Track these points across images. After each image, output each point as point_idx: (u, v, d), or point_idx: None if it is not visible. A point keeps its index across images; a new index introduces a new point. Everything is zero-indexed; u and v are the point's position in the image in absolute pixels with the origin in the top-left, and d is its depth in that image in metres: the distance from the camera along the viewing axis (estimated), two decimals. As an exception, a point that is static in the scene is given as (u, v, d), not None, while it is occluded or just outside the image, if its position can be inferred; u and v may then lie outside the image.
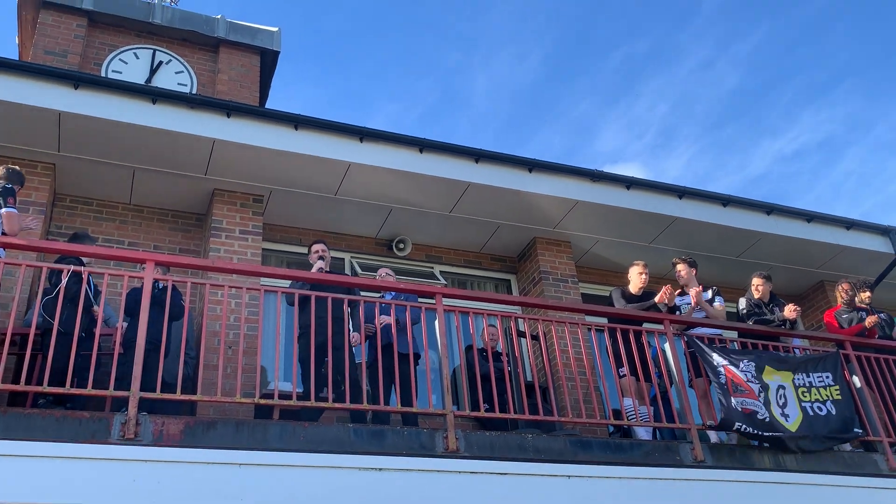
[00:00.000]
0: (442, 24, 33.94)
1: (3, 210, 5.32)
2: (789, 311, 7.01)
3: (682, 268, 7.31)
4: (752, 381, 6.15)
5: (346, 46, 35.76)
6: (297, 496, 4.52)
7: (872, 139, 33.86)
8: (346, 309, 5.86)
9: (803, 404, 6.28)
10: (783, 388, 6.30)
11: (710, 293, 7.24)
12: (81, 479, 4.18)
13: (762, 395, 6.10)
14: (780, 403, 6.18)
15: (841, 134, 34.38)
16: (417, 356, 6.49)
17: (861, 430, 6.35)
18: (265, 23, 10.31)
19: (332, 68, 36.76)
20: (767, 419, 6.01)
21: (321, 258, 6.68)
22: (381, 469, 4.74)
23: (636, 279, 7.10)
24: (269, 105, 10.57)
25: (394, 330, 5.71)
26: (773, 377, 6.32)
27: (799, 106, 34.41)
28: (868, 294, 7.95)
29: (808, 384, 6.44)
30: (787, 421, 6.09)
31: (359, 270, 8.15)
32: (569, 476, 5.09)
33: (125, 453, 4.34)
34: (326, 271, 6.67)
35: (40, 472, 4.16)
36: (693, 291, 6.82)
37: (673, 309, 6.91)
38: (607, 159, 37.31)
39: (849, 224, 9.45)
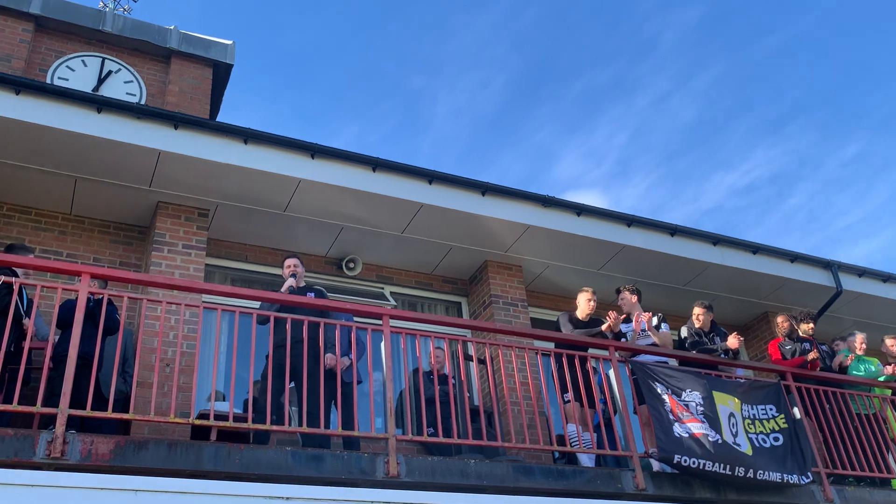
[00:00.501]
0: (407, 47, 34.17)
1: None
2: (732, 340, 7.10)
3: (626, 295, 7.39)
4: (696, 413, 6.15)
5: (308, 65, 35.74)
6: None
7: (822, 175, 34.97)
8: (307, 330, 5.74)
9: (749, 435, 6.31)
10: (734, 416, 6.31)
11: (655, 319, 7.31)
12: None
13: (706, 422, 6.11)
14: (733, 432, 6.19)
15: (792, 169, 35.43)
16: (360, 381, 6.39)
17: (803, 477, 6.28)
18: (224, 37, 10.18)
19: (293, 86, 36.69)
20: (720, 441, 5.97)
21: (293, 275, 6.57)
22: (318, 500, 4.59)
23: (584, 305, 7.14)
24: (223, 119, 10.42)
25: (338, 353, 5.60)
26: (726, 403, 6.32)
27: (752, 140, 35.39)
28: (811, 326, 8.13)
29: (752, 416, 6.48)
30: (740, 448, 6.11)
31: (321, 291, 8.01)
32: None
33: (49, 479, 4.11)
34: (298, 287, 6.54)
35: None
36: (644, 316, 6.84)
37: (619, 335, 6.95)
38: (566, 186, 37.86)
39: (793, 257, 9.65)
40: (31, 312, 5.27)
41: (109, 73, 9.24)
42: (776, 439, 6.40)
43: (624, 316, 7.26)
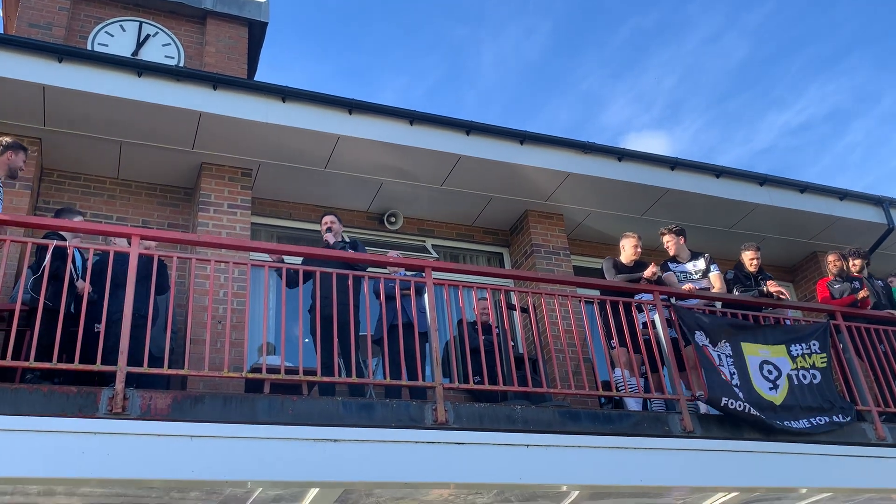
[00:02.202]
0: (448, -2, 33.63)
1: None
2: (774, 288, 7.00)
3: (668, 238, 7.33)
4: (723, 365, 6.14)
5: (350, 21, 35.48)
6: (287, 468, 4.53)
7: (879, 111, 33.75)
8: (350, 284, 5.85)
9: (790, 372, 6.29)
10: (770, 363, 6.28)
11: (702, 262, 7.25)
12: (70, 452, 4.17)
13: (735, 376, 6.09)
14: (771, 378, 6.18)
15: (848, 106, 34.23)
16: (424, 335, 6.48)
17: (844, 418, 6.25)
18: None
19: (336, 43, 36.50)
20: (741, 405, 5.96)
21: (329, 230, 6.68)
22: (370, 441, 4.74)
23: (630, 251, 7.10)
24: (261, 79, 10.47)
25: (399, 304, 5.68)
26: (756, 352, 6.30)
27: (806, 78, 34.24)
28: (860, 262, 7.96)
29: (799, 353, 6.45)
30: (772, 393, 6.09)
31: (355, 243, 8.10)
32: (556, 446, 5.10)
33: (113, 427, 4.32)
34: (333, 243, 6.65)
35: (29, 446, 4.15)
36: (648, 272, 6.76)
37: (661, 281, 6.92)
38: (616, 132, 37.21)
39: (842, 195, 9.41)
40: (87, 275, 5.45)
41: (147, 36, 9.32)
42: (815, 376, 6.36)
43: (672, 259, 7.26)
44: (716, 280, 7.13)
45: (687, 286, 6.93)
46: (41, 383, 5.01)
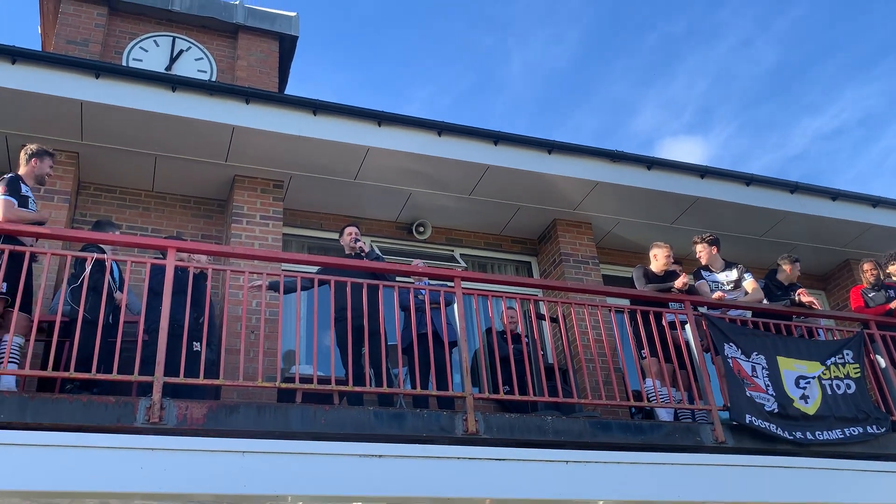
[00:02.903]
0: (475, 7, 33.70)
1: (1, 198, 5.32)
2: (806, 298, 6.94)
3: (701, 248, 7.29)
4: (757, 377, 6.10)
5: (377, 32, 35.71)
6: (318, 482, 4.57)
7: (915, 115, 33.18)
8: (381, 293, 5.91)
9: (823, 382, 6.23)
10: (804, 378, 6.24)
11: (735, 272, 7.20)
12: (127, 467, 4.26)
13: (770, 387, 6.05)
14: (802, 387, 6.14)
15: (882, 110, 33.68)
16: (454, 343, 6.52)
17: (879, 429, 6.20)
18: (292, 9, 10.33)
19: (363, 54, 36.75)
20: (776, 410, 5.93)
21: (357, 240, 6.78)
22: (411, 457, 4.77)
23: (662, 261, 7.06)
24: (291, 91, 10.62)
25: (429, 316, 5.73)
26: (792, 367, 6.26)
27: (840, 82, 33.78)
28: None
29: (833, 363, 6.39)
30: (805, 404, 6.04)
31: (379, 255, 8.18)
32: (592, 462, 5.10)
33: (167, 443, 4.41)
34: (367, 252, 6.74)
35: (76, 460, 4.24)
36: (679, 282, 6.73)
37: (692, 290, 6.89)
38: (644, 140, 36.97)
39: (875, 202, 9.29)
40: (125, 287, 5.57)
41: (181, 51, 9.50)
42: (849, 386, 6.28)
43: (704, 266, 7.25)
44: (750, 286, 7.07)
45: (716, 294, 6.89)
46: (80, 393, 5.13)
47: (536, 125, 39.42)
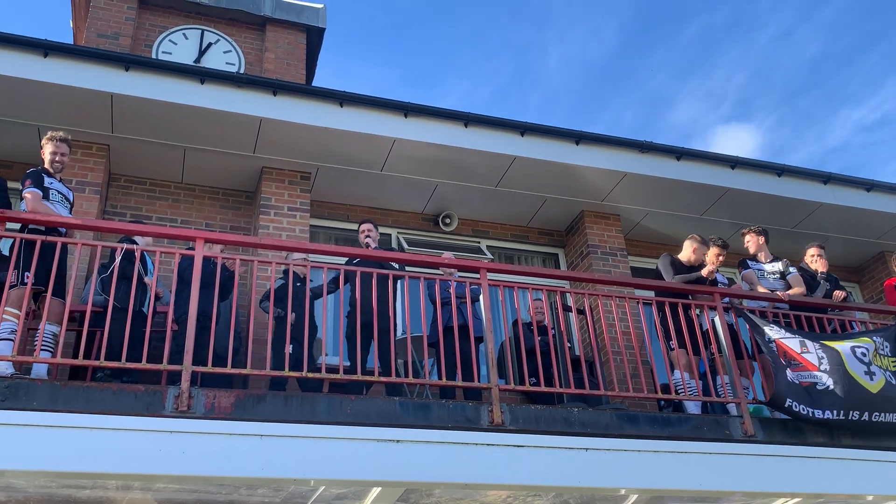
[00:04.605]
0: (515, 0, 33.55)
1: (25, 192, 5.39)
2: (837, 293, 6.84)
3: (750, 237, 7.26)
4: (809, 352, 5.91)
5: (416, 26, 35.68)
6: (351, 467, 4.60)
7: (960, 103, 32.36)
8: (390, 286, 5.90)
9: (881, 368, 6.03)
10: (861, 347, 6.02)
11: (780, 265, 7.13)
12: (148, 449, 4.32)
13: (824, 361, 5.86)
14: (865, 360, 5.89)
15: (927, 99, 32.91)
16: (479, 339, 6.50)
17: None
18: (322, 1, 10.33)
19: (402, 48, 36.77)
20: (830, 387, 5.72)
21: (368, 236, 6.75)
22: (431, 442, 4.78)
23: (696, 255, 6.94)
24: (321, 83, 10.64)
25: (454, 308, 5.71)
26: (843, 342, 6.06)
27: (882, 73, 33.04)
28: None
29: (881, 352, 6.19)
30: (870, 380, 5.83)
31: (405, 246, 8.18)
32: (615, 450, 5.06)
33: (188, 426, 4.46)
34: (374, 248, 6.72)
35: (98, 442, 4.31)
36: (705, 271, 6.65)
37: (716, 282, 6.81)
38: (682, 132, 36.54)
39: (911, 192, 9.10)
40: (154, 277, 5.63)
41: (209, 44, 9.57)
42: (893, 376, 6.12)
43: (751, 255, 7.20)
44: (794, 281, 6.98)
45: (748, 277, 6.79)
46: (111, 381, 5.20)
47: (573, 118, 39.16)
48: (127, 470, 4.26)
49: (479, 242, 8.67)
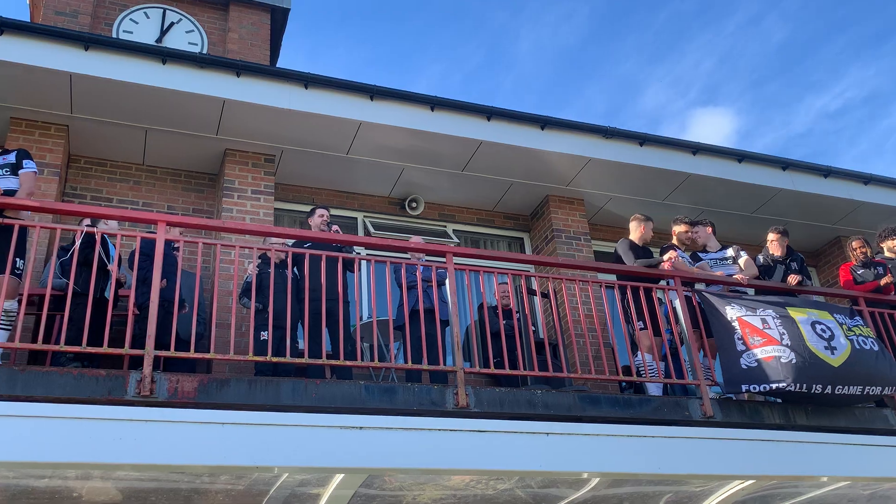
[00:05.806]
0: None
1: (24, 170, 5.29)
2: (793, 279, 6.98)
3: (697, 230, 7.34)
4: (770, 328, 6.01)
5: (388, 8, 35.38)
6: (314, 455, 4.59)
7: (920, 93, 33.06)
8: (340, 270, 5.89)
9: (850, 337, 6.14)
10: (821, 323, 6.15)
11: (730, 251, 7.23)
12: (107, 438, 4.26)
13: (785, 336, 5.95)
14: (825, 336, 6.01)
15: (887, 88, 33.53)
16: (445, 322, 6.52)
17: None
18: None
19: (375, 31, 36.45)
20: (793, 360, 5.79)
21: (328, 223, 6.72)
22: (394, 428, 4.78)
23: (643, 232, 7.07)
24: (297, 66, 10.53)
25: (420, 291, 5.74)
26: (804, 314, 6.17)
27: (845, 61, 33.63)
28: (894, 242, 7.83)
29: (848, 324, 6.32)
30: (831, 354, 5.97)
31: (372, 230, 8.17)
32: (577, 434, 5.13)
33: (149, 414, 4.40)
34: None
35: (57, 430, 4.24)
36: (666, 262, 6.73)
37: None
38: (651, 117, 36.85)
39: (867, 179, 9.32)
40: (114, 260, 5.55)
41: (171, 24, 9.40)
42: (874, 343, 6.24)
43: (701, 248, 7.27)
44: (744, 262, 7.10)
45: (700, 266, 6.91)
46: (71, 366, 5.14)
47: (545, 103, 39.28)
48: (86, 459, 4.21)
49: (445, 226, 8.69)
